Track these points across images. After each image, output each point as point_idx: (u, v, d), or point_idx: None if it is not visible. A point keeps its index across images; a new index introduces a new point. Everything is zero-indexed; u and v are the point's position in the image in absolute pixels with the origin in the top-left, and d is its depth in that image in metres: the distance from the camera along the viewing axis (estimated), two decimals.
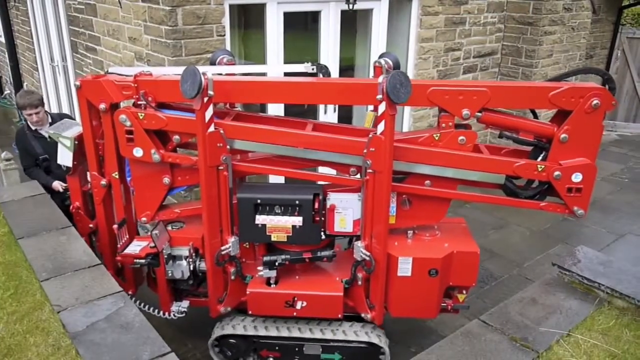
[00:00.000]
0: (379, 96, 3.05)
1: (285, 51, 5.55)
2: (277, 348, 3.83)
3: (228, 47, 5.12)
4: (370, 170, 3.26)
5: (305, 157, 3.47)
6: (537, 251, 5.82)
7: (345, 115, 6.41)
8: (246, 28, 5.77)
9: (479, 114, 3.36)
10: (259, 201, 3.47)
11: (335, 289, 3.65)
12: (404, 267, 3.50)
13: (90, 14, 6.40)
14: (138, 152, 3.45)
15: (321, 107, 6.02)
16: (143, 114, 3.37)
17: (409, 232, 3.68)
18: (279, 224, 3.47)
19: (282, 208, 3.47)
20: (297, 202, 3.44)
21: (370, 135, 3.20)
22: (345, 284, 3.68)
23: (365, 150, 3.24)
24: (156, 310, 3.86)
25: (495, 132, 3.70)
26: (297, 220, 3.45)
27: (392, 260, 3.49)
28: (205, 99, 3.12)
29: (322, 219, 3.51)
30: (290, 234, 3.48)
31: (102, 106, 3.48)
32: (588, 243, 5.21)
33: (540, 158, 3.46)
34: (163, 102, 3.53)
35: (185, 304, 3.96)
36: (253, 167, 3.59)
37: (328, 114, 6.05)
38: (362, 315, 3.72)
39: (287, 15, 5.44)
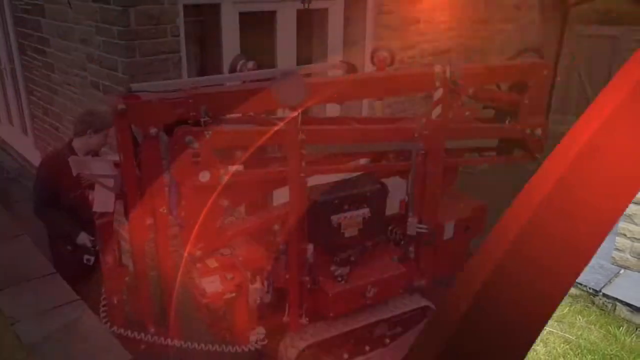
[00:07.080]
0: (438, 83, 3.40)
1: (242, 51, 5.50)
2: (351, 341, 3.83)
3: (183, 48, 5.04)
4: (422, 152, 3.56)
5: (361, 151, 3.70)
6: None
7: None
8: (202, 28, 5.69)
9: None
10: (336, 201, 3.46)
11: (397, 267, 3.82)
12: (448, 231, 3.88)
13: (38, 15, 6.19)
14: (205, 177, 3.01)
15: None
16: (210, 132, 2.98)
17: None
18: (352, 220, 3.53)
19: (350, 204, 3.52)
20: (368, 194, 3.56)
21: (424, 120, 3.56)
22: (398, 261, 3.86)
23: (416, 135, 3.54)
24: (230, 347, 3.42)
25: None
26: (367, 212, 3.56)
27: (438, 228, 3.83)
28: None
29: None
30: (361, 227, 3.56)
31: (153, 131, 3.04)
32: None
33: (507, 121, 4.05)
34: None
35: (262, 330, 3.60)
36: (321, 169, 3.60)
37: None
38: (416, 284, 3.94)
39: (242, 15, 5.39)
